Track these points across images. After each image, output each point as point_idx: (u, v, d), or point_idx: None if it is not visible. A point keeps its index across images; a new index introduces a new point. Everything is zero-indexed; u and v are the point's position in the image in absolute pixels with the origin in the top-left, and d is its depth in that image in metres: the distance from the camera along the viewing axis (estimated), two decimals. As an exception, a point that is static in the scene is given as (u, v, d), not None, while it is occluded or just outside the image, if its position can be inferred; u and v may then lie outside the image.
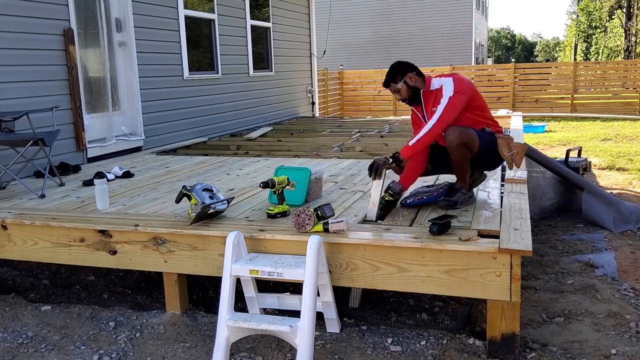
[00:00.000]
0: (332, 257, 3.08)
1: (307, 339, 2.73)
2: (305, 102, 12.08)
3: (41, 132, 4.63)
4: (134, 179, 5.02)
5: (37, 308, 3.72)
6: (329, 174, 4.93)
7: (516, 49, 64.57)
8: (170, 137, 7.39)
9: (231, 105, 8.90)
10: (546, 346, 3.10)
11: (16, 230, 3.65)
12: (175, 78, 7.47)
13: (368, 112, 18.46)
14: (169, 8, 7.28)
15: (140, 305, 3.68)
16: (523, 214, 3.40)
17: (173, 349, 3.14)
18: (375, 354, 3.02)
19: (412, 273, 2.98)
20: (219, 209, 3.46)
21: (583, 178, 5.81)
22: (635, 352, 3.01)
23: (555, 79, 17.74)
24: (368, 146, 6.68)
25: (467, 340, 3.11)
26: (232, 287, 2.92)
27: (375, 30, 25.38)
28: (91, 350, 3.15)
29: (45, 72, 5.48)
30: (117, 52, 6.53)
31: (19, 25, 5.20)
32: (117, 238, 3.44)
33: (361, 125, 9.39)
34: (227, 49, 8.72)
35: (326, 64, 18.69)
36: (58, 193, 4.49)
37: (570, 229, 5.37)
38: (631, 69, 17.27)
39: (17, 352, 3.17)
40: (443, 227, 3.03)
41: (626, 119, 15.29)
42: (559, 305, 3.66)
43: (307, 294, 2.77)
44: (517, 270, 2.81)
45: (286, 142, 7.35)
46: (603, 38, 38.88)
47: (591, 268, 4.31)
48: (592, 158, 8.84)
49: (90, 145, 6.05)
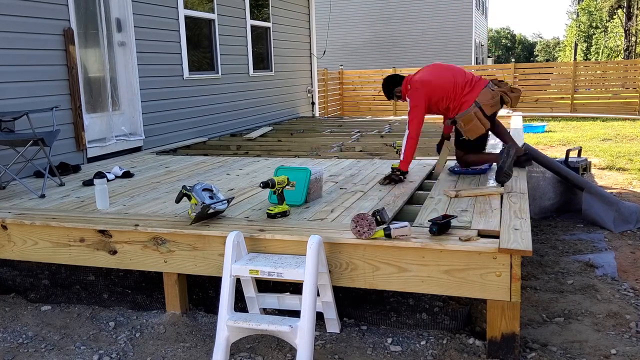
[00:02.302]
0: (332, 257, 3.08)
1: (307, 339, 2.73)
2: (305, 102, 12.08)
3: (41, 132, 4.63)
4: (134, 179, 5.02)
5: (37, 308, 3.72)
6: (329, 174, 4.93)
7: (516, 49, 64.55)
8: (170, 137, 7.39)
9: (231, 105, 8.90)
10: (546, 346, 3.10)
11: (16, 230, 3.66)
12: (175, 78, 7.47)
13: (368, 112, 18.46)
14: (169, 8, 7.28)
15: (140, 305, 3.68)
16: (523, 214, 3.40)
17: (173, 349, 3.14)
18: (375, 354, 3.02)
19: (412, 273, 2.98)
20: (219, 209, 3.46)
21: (583, 178, 5.81)
22: (635, 352, 3.01)
23: (555, 79, 17.74)
24: (368, 146, 6.68)
25: (467, 340, 3.11)
26: (232, 287, 2.92)
27: (375, 31, 25.37)
28: (91, 350, 3.15)
29: (45, 72, 5.48)
30: (117, 52, 6.53)
31: (19, 25, 5.21)
32: (117, 238, 3.44)
33: (361, 125, 9.39)
34: (227, 49, 8.72)
35: (326, 64, 18.70)
36: (58, 193, 4.49)
37: (570, 229, 5.37)
38: (631, 69, 17.27)
39: (17, 352, 3.17)
40: (443, 227, 3.03)
41: (626, 119, 15.29)
42: (559, 305, 3.66)
43: (307, 294, 2.77)
44: (517, 270, 2.81)
45: (286, 142, 7.35)
46: (603, 38, 38.88)
47: (591, 268, 4.31)
48: (592, 158, 8.84)
49: (90, 145, 6.05)
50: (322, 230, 3.17)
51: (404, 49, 24.58)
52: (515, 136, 6.49)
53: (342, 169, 5.20)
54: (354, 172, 5.01)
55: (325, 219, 3.46)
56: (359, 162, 5.59)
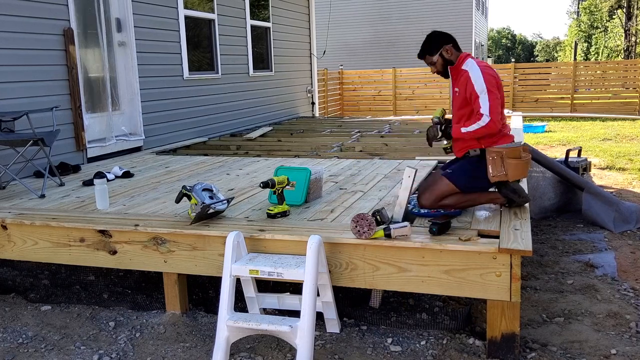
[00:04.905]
0: (332, 257, 3.08)
1: (307, 339, 2.73)
2: (305, 102, 12.08)
3: (41, 132, 4.63)
4: (134, 179, 5.02)
5: (37, 308, 3.72)
6: (329, 174, 4.92)
7: (516, 49, 64.55)
8: (170, 137, 7.39)
9: (231, 105, 8.89)
10: (546, 346, 3.10)
11: (16, 230, 3.65)
12: (175, 78, 7.47)
13: (368, 112, 18.46)
14: (169, 8, 7.28)
15: (140, 305, 3.68)
16: (523, 214, 3.39)
17: (173, 349, 3.14)
18: (375, 354, 3.02)
19: (412, 273, 2.98)
20: (218, 209, 3.46)
21: (583, 178, 5.81)
22: (635, 352, 3.01)
23: (555, 79, 17.74)
24: (368, 146, 6.68)
25: (467, 340, 3.11)
26: (232, 287, 2.92)
27: (375, 31, 25.36)
28: (91, 350, 3.15)
29: (45, 72, 5.48)
30: (117, 52, 6.53)
31: (19, 25, 5.20)
32: (117, 238, 3.44)
33: (361, 125, 9.39)
34: (227, 49, 8.72)
35: (326, 64, 18.69)
36: (58, 193, 4.49)
37: (570, 229, 5.37)
38: (631, 69, 17.27)
39: (17, 352, 3.17)
40: (443, 227, 3.03)
41: (626, 119, 15.28)
42: (559, 305, 3.66)
43: (307, 294, 2.77)
44: (517, 270, 2.81)
45: (286, 142, 7.35)
46: (603, 38, 38.88)
47: (591, 268, 4.31)
48: (592, 158, 8.84)
49: (90, 145, 6.05)
50: (322, 230, 3.17)
51: (404, 49, 24.54)
52: (516, 136, 6.48)
53: (342, 169, 5.20)
54: (354, 172, 5.01)
55: (325, 219, 3.46)
56: (359, 162, 5.59)
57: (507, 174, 3.30)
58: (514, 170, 3.31)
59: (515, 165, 3.31)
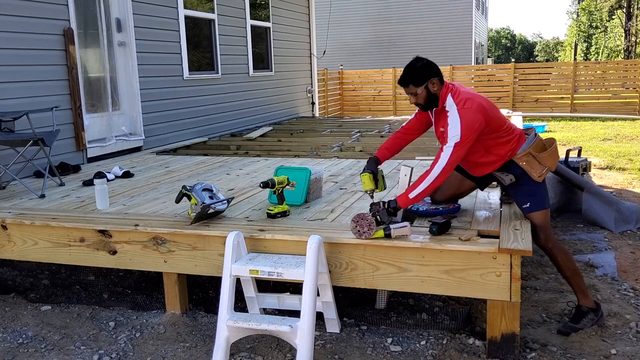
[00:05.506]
0: (332, 257, 3.08)
1: (307, 339, 2.73)
2: (305, 102, 12.08)
3: (41, 132, 4.63)
4: (134, 179, 5.02)
5: (37, 308, 3.72)
6: (329, 174, 4.93)
7: (516, 49, 64.54)
8: (170, 137, 7.39)
9: (231, 105, 8.90)
10: (546, 346, 3.10)
11: (16, 230, 3.65)
12: (175, 78, 7.47)
13: (368, 112, 18.46)
14: (169, 8, 7.28)
15: (140, 305, 3.68)
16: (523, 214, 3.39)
17: (173, 349, 3.14)
18: (375, 354, 3.02)
19: (412, 273, 2.98)
20: (218, 209, 3.46)
21: (583, 178, 5.81)
22: (635, 352, 3.01)
23: (555, 79, 17.74)
24: (368, 146, 6.68)
25: (467, 340, 3.11)
26: (232, 287, 2.92)
27: (375, 31, 25.37)
28: (91, 350, 3.15)
29: (45, 72, 5.48)
30: (117, 52, 6.53)
31: (19, 25, 5.20)
32: (117, 238, 3.44)
33: (361, 125, 9.39)
34: (227, 49, 8.72)
35: (326, 64, 18.69)
36: (58, 193, 4.49)
37: (570, 229, 5.37)
38: (631, 69, 17.27)
39: (17, 352, 3.17)
40: (443, 227, 3.03)
41: (626, 119, 15.28)
42: (559, 305, 3.66)
43: (307, 294, 2.77)
44: (517, 270, 2.81)
45: (286, 142, 7.35)
46: (603, 38, 38.90)
47: (591, 268, 4.32)
48: (592, 158, 8.84)
49: (90, 145, 6.05)
50: (322, 230, 3.17)
51: (403, 49, 24.55)
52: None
53: (342, 169, 5.20)
54: (354, 172, 5.01)
55: (325, 219, 3.46)
56: (359, 162, 5.58)
57: (548, 167, 3.22)
58: (551, 160, 3.24)
59: (549, 156, 3.22)
